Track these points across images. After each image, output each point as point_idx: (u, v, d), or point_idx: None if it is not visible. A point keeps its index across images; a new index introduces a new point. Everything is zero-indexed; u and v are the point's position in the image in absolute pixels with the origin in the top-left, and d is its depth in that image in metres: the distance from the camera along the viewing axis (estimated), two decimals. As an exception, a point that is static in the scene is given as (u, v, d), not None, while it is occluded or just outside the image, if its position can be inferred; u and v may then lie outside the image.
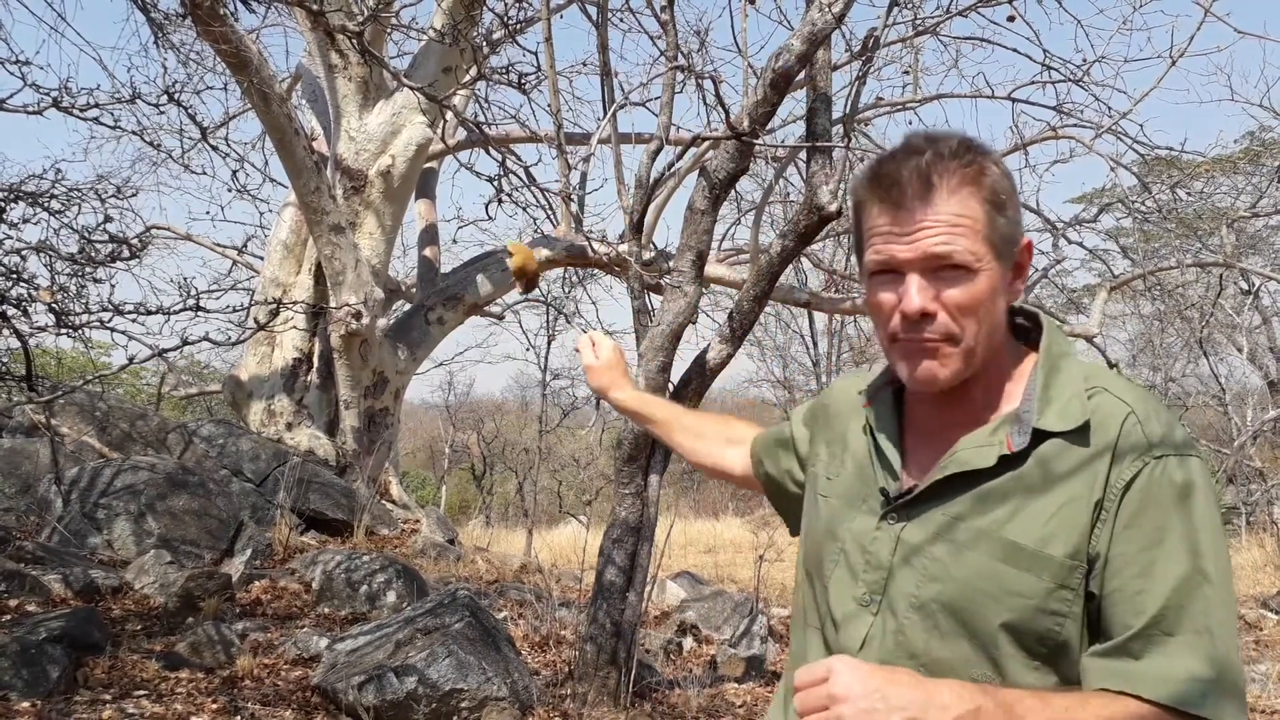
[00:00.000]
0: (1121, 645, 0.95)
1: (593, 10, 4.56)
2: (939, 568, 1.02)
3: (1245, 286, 11.66)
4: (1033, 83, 6.82)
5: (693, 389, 3.96)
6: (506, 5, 6.14)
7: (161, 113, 7.31)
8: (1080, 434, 0.99)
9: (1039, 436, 1.01)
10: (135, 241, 3.86)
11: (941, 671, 1.00)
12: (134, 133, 5.16)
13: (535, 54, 4.88)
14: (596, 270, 10.12)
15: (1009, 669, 0.98)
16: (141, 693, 3.36)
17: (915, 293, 1.01)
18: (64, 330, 3.57)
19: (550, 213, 7.73)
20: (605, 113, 3.96)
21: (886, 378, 1.18)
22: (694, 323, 3.91)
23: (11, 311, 3.59)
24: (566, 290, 11.81)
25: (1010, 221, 1.04)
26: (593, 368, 1.67)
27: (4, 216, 3.75)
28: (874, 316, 1.08)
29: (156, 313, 3.51)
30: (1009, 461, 1.01)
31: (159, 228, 11.23)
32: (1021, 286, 1.08)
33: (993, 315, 1.03)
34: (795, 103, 9.07)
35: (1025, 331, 1.13)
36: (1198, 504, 0.96)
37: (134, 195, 4.38)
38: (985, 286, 1.01)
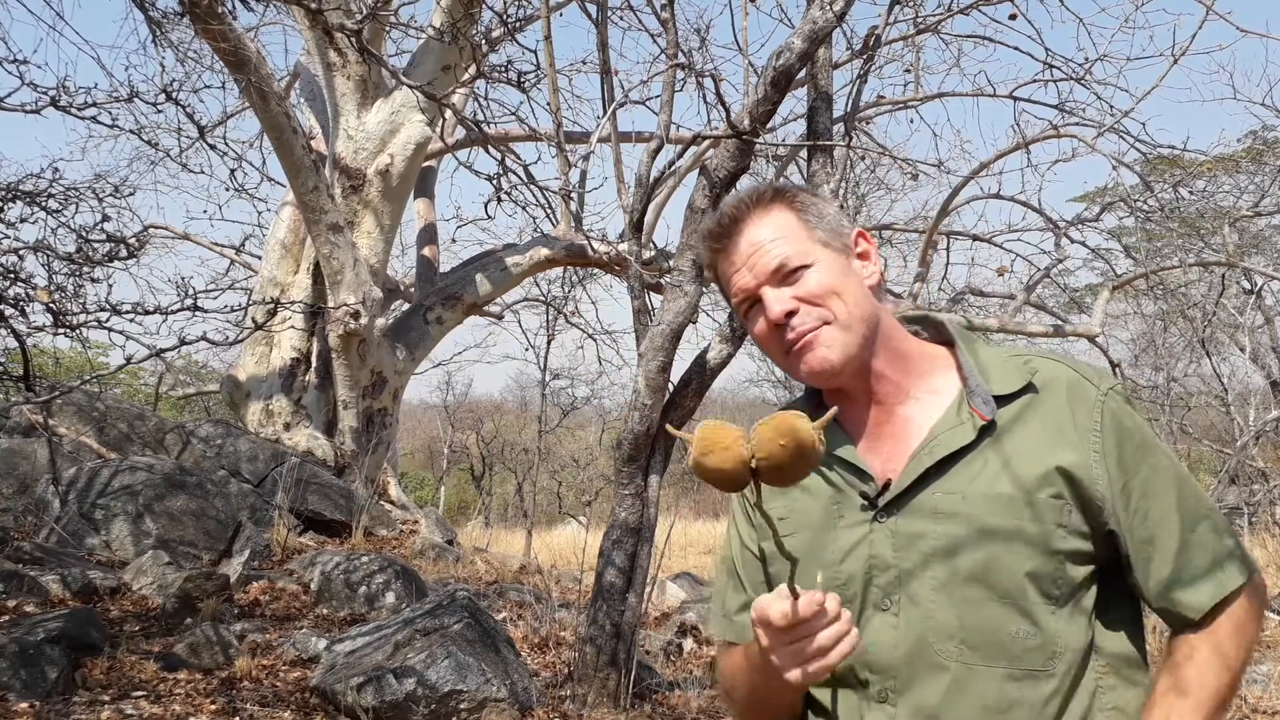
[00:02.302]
0: (1171, 579, 1.07)
1: (592, 8, 4.54)
2: (950, 543, 1.06)
3: (1248, 286, 11.64)
4: (1034, 81, 6.79)
5: (693, 389, 3.95)
6: (506, 3, 6.13)
7: (159, 111, 7.31)
8: (1029, 391, 1.10)
9: (997, 401, 1.10)
10: (133, 241, 3.83)
11: (982, 641, 1.04)
12: (132, 131, 5.13)
13: (535, 52, 4.86)
14: (596, 269, 10.10)
15: (1039, 617, 1.04)
16: (140, 694, 3.34)
17: (773, 302, 1.13)
18: (61, 330, 3.55)
19: (550, 212, 7.73)
20: (605, 111, 3.94)
21: (809, 404, 1.23)
22: (694, 322, 3.89)
23: (9, 311, 3.57)
24: (566, 290, 11.81)
25: (828, 221, 1.17)
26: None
27: (1, 216, 3.73)
28: (767, 351, 1.18)
29: (154, 312, 3.48)
30: (984, 429, 1.09)
31: (157, 227, 11.21)
32: (875, 267, 1.19)
33: (851, 292, 1.13)
34: (796, 101, 9.06)
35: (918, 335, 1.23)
36: (1142, 420, 1.12)
37: (131, 194, 4.35)
38: (827, 271, 1.13)
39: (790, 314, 1.11)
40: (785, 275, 1.13)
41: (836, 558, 1.11)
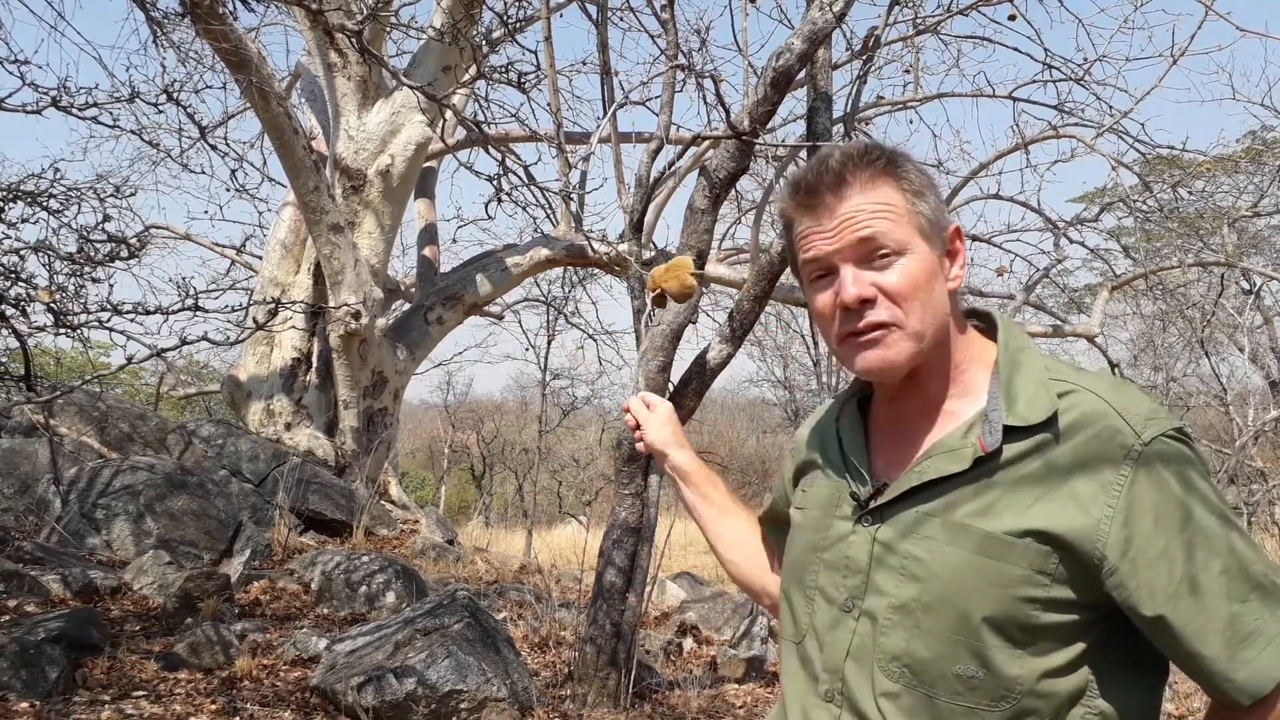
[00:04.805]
0: (1213, 658, 0.97)
1: (593, 9, 4.55)
2: (918, 567, 1.02)
3: (1247, 286, 11.64)
4: (1034, 82, 6.80)
5: (693, 389, 3.95)
6: (506, 4, 6.13)
7: (160, 112, 7.30)
8: (1050, 428, 0.99)
9: (1010, 432, 1.00)
10: (134, 241, 3.84)
11: (925, 670, 1.00)
12: (133, 132, 5.16)
13: (535, 53, 4.87)
14: (596, 270, 10.11)
15: (994, 660, 0.98)
16: (140, 693, 3.35)
17: (850, 282, 1.02)
18: (63, 330, 3.55)
19: (550, 212, 7.73)
20: (605, 112, 3.94)
21: (853, 390, 1.20)
22: (694, 323, 3.90)
23: (10, 311, 3.57)
24: (566, 290, 11.82)
25: (933, 207, 1.05)
26: (649, 423, 1.46)
27: (3, 216, 3.74)
28: (820, 325, 1.09)
29: (155, 312, 3.49)
30: (982, 459, 1.01)
31: (158, 227, 11.22)
32: (961, 273, 1.08)
33: (933, 298, 1.04)
34: (796, 102, 9.06)
35: (982, 332, 1.14)
36: (1194, 472, 0.97)
37: (133, 194, 4.35)
38: (918, 268, 1.03)
39: (866, 301, 1.02)
40: (872, 255, 1.03)
41: (825, 545, 1.12)
